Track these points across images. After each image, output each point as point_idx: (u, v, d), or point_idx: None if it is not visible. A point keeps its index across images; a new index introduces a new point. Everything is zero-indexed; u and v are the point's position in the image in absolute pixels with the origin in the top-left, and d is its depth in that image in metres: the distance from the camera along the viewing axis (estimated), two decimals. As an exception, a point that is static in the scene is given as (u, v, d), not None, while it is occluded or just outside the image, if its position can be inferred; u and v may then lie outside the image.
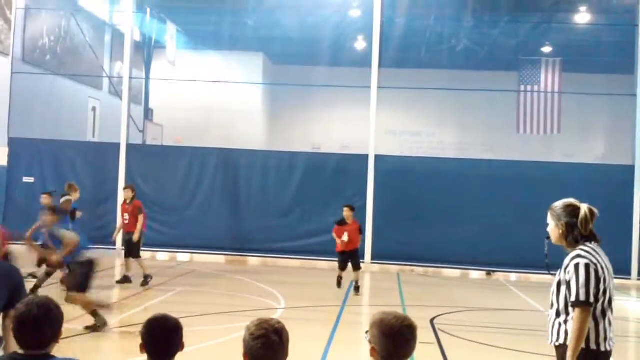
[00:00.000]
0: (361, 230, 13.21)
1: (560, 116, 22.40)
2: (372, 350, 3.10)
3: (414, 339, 3.10)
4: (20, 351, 3.20)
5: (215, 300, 11.33)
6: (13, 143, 18.20)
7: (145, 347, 3.22)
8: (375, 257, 16.52)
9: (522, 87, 22.39)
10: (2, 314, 4.35)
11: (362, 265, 16.41)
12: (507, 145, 23.67)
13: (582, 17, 21.29)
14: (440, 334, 9.46)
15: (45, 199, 12.05)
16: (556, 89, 22.35)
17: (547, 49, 23.66)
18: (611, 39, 20.07)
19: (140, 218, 12.65)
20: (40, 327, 3.16)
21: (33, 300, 3.22)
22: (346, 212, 12.93)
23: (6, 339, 4.23)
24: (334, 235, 12.90)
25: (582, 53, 22.46)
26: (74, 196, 12.58)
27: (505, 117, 23.54)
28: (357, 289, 12.74)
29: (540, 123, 22.44)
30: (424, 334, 8.76)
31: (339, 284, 12.99)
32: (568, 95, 22.07)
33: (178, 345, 3.25)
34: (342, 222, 12.96)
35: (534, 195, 15.45)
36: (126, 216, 12.80)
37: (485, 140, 24.81)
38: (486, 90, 21.11)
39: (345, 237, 12.72)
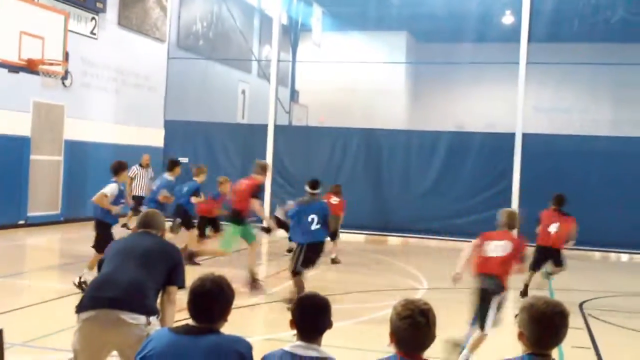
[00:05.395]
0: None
1: None
2: (520, 334, 3.06)
3: (564, 325, 3.05)
4: (192, 323, 3.37)
5: (358, 279, 11.46)
6: (168, 125, 19.22)
7: (295, 323, 3.29)
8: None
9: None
10: (161, 290, 4.53)
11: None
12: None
13: None
14: (589, 319, 9.11)
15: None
16: None
17: None
18: None
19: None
20: (212, 302, 3.34)
21: (208, 277, 3.40)
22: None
23: (162, 311, 4.47)
24: None
25: None
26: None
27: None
28: None
29: None
30: (572, 319, 8.36)
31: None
32: None
33: (327, 323, 3.31)
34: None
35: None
36: None
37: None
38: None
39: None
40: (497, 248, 6.78)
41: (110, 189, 9.36)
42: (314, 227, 8.92)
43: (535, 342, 3.02)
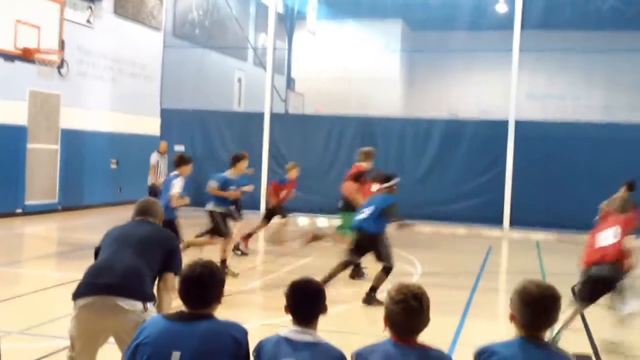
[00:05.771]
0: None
1: None
2: (512, 316, 3.14)
3: (554, 309, 3.10)
4: (185, 309, 3.40)
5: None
6: (165, 113, 19.27)
7: (290, 309, 3.33)
8: (514, 224, 16.23)
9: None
10: (157, 277, 4.56)
11: (501, 232, 16.21)
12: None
13: None
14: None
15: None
16: None
17: None
18: None
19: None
20: (203, 287, 3.36)
21: (197, 262, 3.45)
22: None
23: (159, 298, 4.51)
24: None
25: None
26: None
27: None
28: None
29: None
30: (564, 302, 8.54)
31: None
32: None
33: (321, 308, 3.34)
34: None
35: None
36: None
37: (635, 102, 23.28)
38: (635, 51, 20.06)
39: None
40: (607, 236, 6.87)
41: (179, 187, 9.14)
42: (361, 216, 8.97)
43: (526, 324, 3.08)
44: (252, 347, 3.32)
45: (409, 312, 3.04)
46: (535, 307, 3.06)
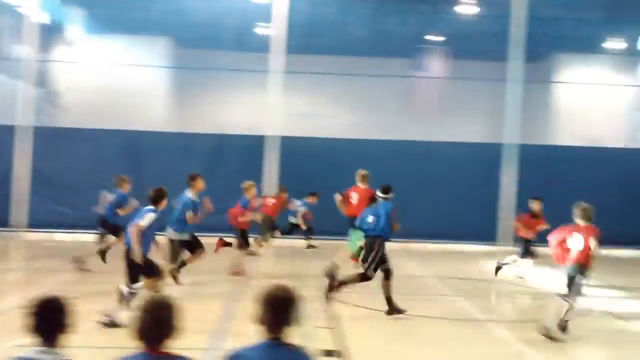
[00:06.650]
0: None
1: (445, 99, 24.51)
2: (258, 319, 3.32)
3: (291, 310, 3.30)
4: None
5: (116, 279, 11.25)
6: None
7: (32, 329, 3.28)
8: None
9: (412, 73, 24.55)
10: None
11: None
12: (398, 126, 24.36)
13: (466, 8, 21.91)
14: (332, 301, 9.75)
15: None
16: (441, 75, 24.54)
17: (435, 37, 24.87)
18: (488, 29, 21.10)
19: None
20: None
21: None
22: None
23: None
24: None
25: (465, 42, 23.59)
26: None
27: (397, 100, 24.87)
28: None
29: (427, 105, 24.41)
30: (316, 302, 9.18)
31: None
32: (452, 79, 24.00)
33: (65, 325, 3.32)
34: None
35: (422, 170, 17.14)
36: None
37: (378, 121, 25.46)
38: (378, 76, 22.71)
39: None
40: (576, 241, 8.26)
41: (149, 219, 8.36)
42: (368, 225, 9.55)
43: (270, 326, 3.27)
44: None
45: (156, 321, 3.13)
46: (277, 308, 3.24)
